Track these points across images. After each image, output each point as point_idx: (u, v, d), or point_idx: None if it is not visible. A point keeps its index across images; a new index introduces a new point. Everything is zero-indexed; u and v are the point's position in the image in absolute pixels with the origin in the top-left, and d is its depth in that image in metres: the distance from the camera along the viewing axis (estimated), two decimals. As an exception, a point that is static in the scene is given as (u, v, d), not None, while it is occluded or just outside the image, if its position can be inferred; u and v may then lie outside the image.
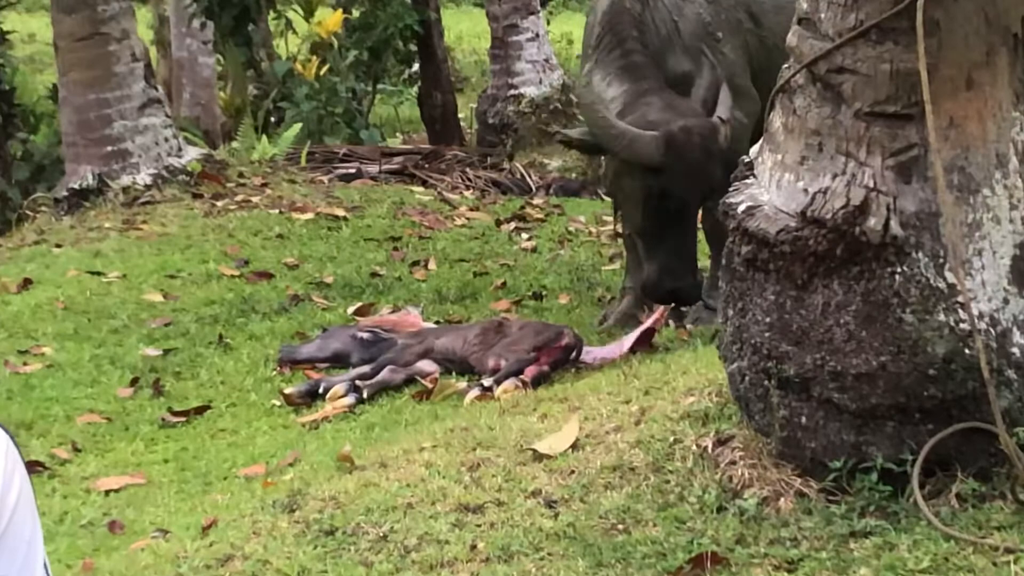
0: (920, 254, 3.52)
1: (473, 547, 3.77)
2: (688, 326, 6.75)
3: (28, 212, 10.61)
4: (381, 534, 3.92)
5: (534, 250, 9.27)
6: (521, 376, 5.98)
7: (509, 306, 7.68)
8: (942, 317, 3.51)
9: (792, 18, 3.81)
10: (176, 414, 6.29)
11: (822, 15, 3.63)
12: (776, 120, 3.83)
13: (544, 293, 7.97)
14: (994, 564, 3.31)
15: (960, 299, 3.49)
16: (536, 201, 11.34)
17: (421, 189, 11.57)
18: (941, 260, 3.51)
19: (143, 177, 10.19)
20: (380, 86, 16.51)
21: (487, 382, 5.98)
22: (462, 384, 6.17)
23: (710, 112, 6.38)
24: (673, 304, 6.67)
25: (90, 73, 10.13)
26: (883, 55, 3.52)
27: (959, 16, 3.47)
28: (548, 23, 17.55)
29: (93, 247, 9.19)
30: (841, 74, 3.58)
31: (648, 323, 6.44)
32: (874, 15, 3.51)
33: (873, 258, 3.54)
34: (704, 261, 8.36)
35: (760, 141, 3.95)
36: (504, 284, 8.21)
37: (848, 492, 3.66)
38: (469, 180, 12.47)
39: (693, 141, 6.17)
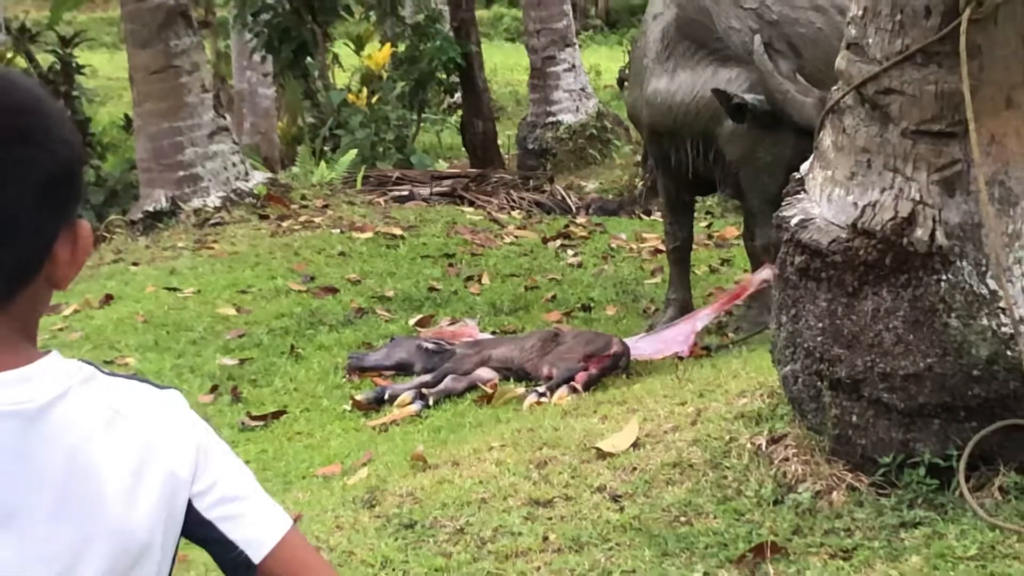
0: (964, 262, 3.55)
1: (545, 538, 3.82)
2: (730, 334, 6.78)
3: (104, 234, 10.65)
4: (458, 527, 3.97)
5: (580, 265, 9.29)
6: (572, 383, 6.03)
7: (560, 317, 7.71)
8: (985, 321, 3.54)
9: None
10: (255, 418, 6.36)
11: (870, 40, 3.67)
12: (826, 138, 3.86)
13: (592, 305, 8.00)
14: (1039, 551, 3.34)
15: (1002, 304, 3.52)
16: (579, 220, 11.37)
17: (471, 209, 11.61)
18: (984, 268, 3.54)
19: (213, 200, 10.28)
20: (424, 115, 16.59)
21: (542, 388, 6.03)
22: (520, 390, 6.22)
23: None
24: None
25: (163, 103, 10.23)
26: (928, 77, 3.55)
27: (999, 40, 3.51)
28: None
29: (168, 265, 9.27)
30: (888, 95, 3.62)
31: (757, 281, 6.55)
32: (919, 40, 3.55)
33: (920, 267, 3.57)
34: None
35: (810, 158, 3.98)
36: (554, 297, 8.25)
37: (897, 486, 3.69)
38: (514, 201, 12.50)
39: None
